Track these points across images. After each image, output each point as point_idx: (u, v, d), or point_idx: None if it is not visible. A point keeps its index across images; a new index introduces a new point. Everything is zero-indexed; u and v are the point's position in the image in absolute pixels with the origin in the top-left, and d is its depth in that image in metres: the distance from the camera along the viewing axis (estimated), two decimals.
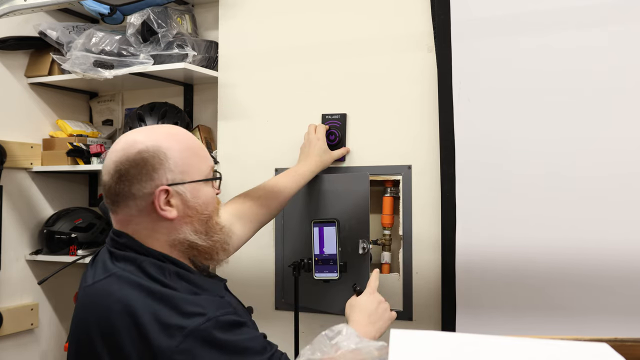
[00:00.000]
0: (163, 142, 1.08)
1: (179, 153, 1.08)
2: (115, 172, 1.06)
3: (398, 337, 0.71)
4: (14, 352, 2.14)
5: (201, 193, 1.11)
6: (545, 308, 1.52)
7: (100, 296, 1.03)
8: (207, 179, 1.13)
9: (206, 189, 1.13)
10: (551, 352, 0.68)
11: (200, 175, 1.11)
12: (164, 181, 1.06)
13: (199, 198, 1.10)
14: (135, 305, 0.98)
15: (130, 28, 1.97)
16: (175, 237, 1.09)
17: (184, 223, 1.09)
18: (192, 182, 1.09)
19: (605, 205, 1.47)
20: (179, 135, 1.12)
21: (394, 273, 1.77)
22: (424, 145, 1.72)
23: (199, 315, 0.98)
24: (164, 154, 1.07)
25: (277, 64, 1.92)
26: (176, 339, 0.95)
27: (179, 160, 1.08)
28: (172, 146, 1.08)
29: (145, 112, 2.08)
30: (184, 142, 1.11)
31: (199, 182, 1.10)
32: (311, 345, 0.91)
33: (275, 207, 1.57)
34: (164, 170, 1.06)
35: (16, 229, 2.15)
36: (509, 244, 1.55)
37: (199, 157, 1.12)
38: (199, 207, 1.10)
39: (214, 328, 0.98)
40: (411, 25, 1.75)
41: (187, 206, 1.08)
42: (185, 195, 1.08)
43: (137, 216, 1.07)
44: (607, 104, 1.48)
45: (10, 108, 2.15)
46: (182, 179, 1.08)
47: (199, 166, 1.12)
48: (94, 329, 1.01)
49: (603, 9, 1.48)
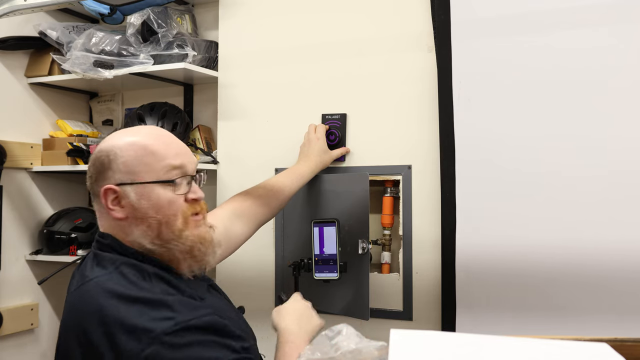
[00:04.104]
0: (119, 142, 1.08)
1: (132, 152, 1.07)
2: (87, 172, 1.13)
3: (398, 337, 0.71)
4: (14, 352, 2.14)
5: (152, 195, 1.06)
6: (545, 308, 1.52)
7: (78, 304, 1.03)
8: (157, 181, 1.07)
9: (161, 191, 1.07)
10: (551, 352, 0.68)
11: (151, 176, 1.07)
12: (112, 181, 1.07)
13: (149, 200, 1.06)
14: (107, 314, 0.97)
15: (130, 28, 1.97)
16: (130, 238, 1.08)
17: (134, 224, 1.07)
18: (138, 183, 1.06)
19: (606, 205, 1.47)
20: (144, 135, 1.10)
21: (394, 273, 1.77)
22: (424, 145, 1.72)
23: (168, 320, 0.95)
24: (115, 153, 1.07)
25: (277, 63, 1.92)
26: (142, 342, 0.93)
27: (128, 160, 1.06)
28: (126, 146, 1.07)
29: (145, 112, 2.08)
30: (142, 142, 1.08)
31: (149, 183, 1.06)
32: (311, 345, 0.92)
33: (275, 206, 1.57)
34: (112, 170, 1.07)
35: (16, 229, 2.15)
36: (509, 243, 1.55)
37: (154, 157, 1.07)
38: (148, 210, 1.06)
39: (182, 332, 0.95)
40: (411, 25, 1.75)
41: (135, 208, 1.06)
42: (131, 197, 1.06)
43: (103, 215, 1.11)
44: (607, 103, 1.48)
45: (10, 108, 2.15)
46: (130, 180, 1.06)
47: (153, 167, 1.07)
48: (72, 339, 1.01)
49: (603, 9, 1.48)
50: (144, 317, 0.96)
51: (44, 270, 2.19)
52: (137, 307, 0.97)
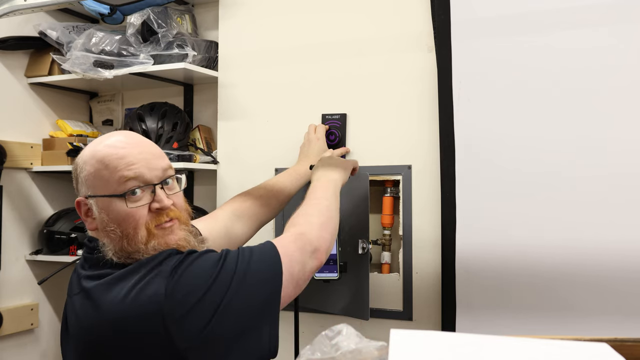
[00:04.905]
0: (84, 156, 1.10)
1: (90, 166, 1.07)
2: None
3: (398, 337, 0.71)
4: (14, 352, 2.14)
5: (111, 209, 1.05)
6: (545, 308, 1.52)
7: (85, 313, 1.03)
8: (110, 194, 1.05)
9: (118, 204, 1.05)
10: (551, 352, 0.68)
11: (109, 190, 1.05)
12: (82, 193, 1.09)
13: (108, 214, 1.05)
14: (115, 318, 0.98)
15: (130, 28, 1.97)
16: (107, 248, 1.07)
17: (102, 236, 1.08)
18: (98, 197, 1.06)
19: (606, 205, 1.47)
20: (101, 145, 1.09)
21: (394, 273, 1.77)
22: (424, 145, 1.72)
23: (177, 254, 1.02)
24: (81, 167, 1.09)
25: (277, 63, 1.92)
26: (162, 284, 0.97)
27: (89, 174, 1.07)
28: (88, 160, 1.08)
29: (145, 112, 2.08)
30: (100, 154, 1.07)
31: (106, 197, 1.05)
32: (311, 345, 0.91)
33: (275, 206, 1.56)
34: (80, 183, 1.10)
35: (16, 229, 2.15)
36: (509, 243, 1.55)
37: (108, 170, 1.05)
38: (109, 223, 1.05)
39: (188, 256, 1.02)
40: (411, 25, 1.75)
41: (100, 220, 1.07)
42: (94, 210, 1.07)
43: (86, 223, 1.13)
44: (607, 103, 1.48)
45: (10, 108, 2.15)
46: (92, 193, 1.07)
47: (108, 180, 1.05)
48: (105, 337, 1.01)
49: (603, 9, 1.48)
50: (147, 275, 0.99)
51: (44, 270, 2.19)
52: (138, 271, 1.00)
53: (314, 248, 1.14)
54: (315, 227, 1.18)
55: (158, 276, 0.98)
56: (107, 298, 0.99)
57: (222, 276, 1.00)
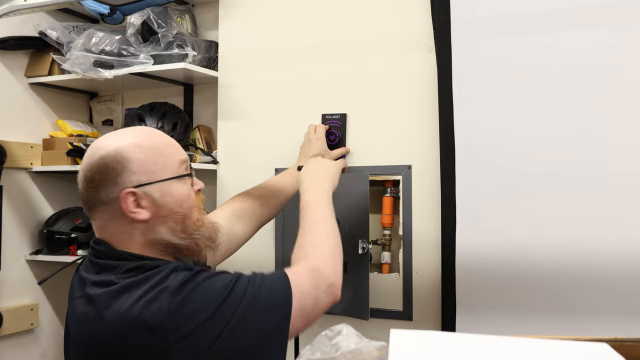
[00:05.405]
0: (124, 144, 1.07)
1: (142, 154, 1.07)
2: (85, 181, 1.09)
3: (398, 337, 0.71)
4: (14, 352, 2.14)
5: (173, 191, 1.08)
6: (545, 308, 1.52)
7: (87, 318, 1.03)
8: (175, 176, 1.09)
9: (178, 186, 1.10)
10: (551, 352, 0.68)
11: (168, 173, 1.09)
12: (129, 184, 1.05)
13: (171, 196, 1.08)
14: (118, 327, 0.98)
15: (130, 28, 1.97)
16: (152, 238, 1.08)
17: (158, 223, 1.07)
18: (158, 182, 1.07)
19: (605, 205, 1.47)
20: (143, 135, 1.10)
21: (394, 273, 1.77)
22: (424, 145, 1.72)
23: (185, 271, 1.01)
24: (125, 157, 1.06)
25: (277, 63, 1.92)
26: (163, 299, 0.96)
27: (142, 161, 1.06)
28: (134, 148, 1.07)
29: (145, 112, 2.08)
30: (147, 142, 1.09)
31: (168, 180, 1.08)
32: (311, 345, 0.91)
33: (275, 206, 1.56)
34: (127, 173, 1.05)
35: (16, 229, 2.15)
36: (509, 243, 1.55)
37: (164, 156, 1.09)
38: (172, 205, 1.08)
39: (188, 281, 1.00)
40: (411, 25, 1.75)
41: (158, 206, 1.06)
42: (153, 196, 1.06)
43: (111, 221, 1.08)
44: (607, 103, 1.48)
45: (10, 108, 2.15)
46: (147, 180, 1.06)
47: (166, 164, 1.09)
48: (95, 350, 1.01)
49: (603, 9, 1.48)
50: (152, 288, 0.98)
51: (44, 270, 2.19)
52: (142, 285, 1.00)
53: (329, 283, 1.12)
54: (327, 259, 1.16)
55: (164, 292, 0.97)
56: (112, 308, 0.99)
57: (232, 297, 1.00)
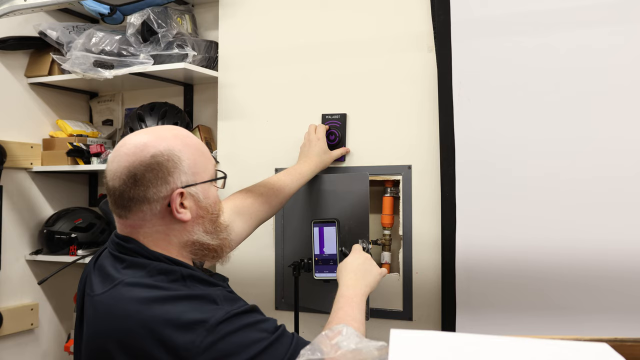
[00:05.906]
0: (174, 144, 1.08)
1: (190, 154, 1.09)
2: (129, 177, 1.05)
3: (398, 337, 0.71)
4: (14, 352, 2.14)
5: (210, 193, 1.13)
6: (545, 308, 1.52)
7: (113, 309, 1.02)
8: (216, 178, 1.14)
9: (213, 188, 1.14)
10: (551, 352, 0.68)
11: (208, 175, 1.12)
12: (179, 184, 1.07)
13: (209, 198, 1.12)
14: (153, 316, 0.97)
15: (130, 28, 1.97)
16: (188, 239, 1.10)
17: (196, 224, 1.10)
18: (203, 183, 1.10)
19: (605, 205, 1.47)
20: (186, 136, 1.13)
21: (394, 273, 1.77)
22: (424, 145, 1.72)
23: (218, 310, 0.99)
24: (178, 156, 1.07)
25: (277, 63, 1.92)
26: (198, 333, 0.95)
27: (190, 161, 1.09)
28: (184, 148, 1.09)
29: (145, 112, 2.08)
30: (192, 143, 1.12)
31: (209, 182, 1.12)
32: (311, 345, 0.91)
33: (275, 204, 1.57)
34: (178, 172, 1.07)
35: (16, 229, 2.15)
36: (509, 244, 1.55)
37: (205, 157, 1.13)
38: (210, 207, 1.12)
39: (232, 319, 0.98)
40: (411, 25, 1.75)
41: (199, 207, 1.10)
42: (197, 197, 1.09)
43: (150, 220, 1.07)
44: (607, 103, 1.48)
45: (10, 108, 2.15)
46: (194, 180, 1.09)
47: (207, 166, 1.13)
48: (111, 344, 1.00)
49: (603, 9, 1.48)
50: (194, 311, 0.98)
51: (44, 270, 2.19)
52: (183, 303, 0.99)
53: None
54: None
55: (203, 325, 0.96)
56: (147, 313, 0.98)
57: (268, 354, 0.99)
